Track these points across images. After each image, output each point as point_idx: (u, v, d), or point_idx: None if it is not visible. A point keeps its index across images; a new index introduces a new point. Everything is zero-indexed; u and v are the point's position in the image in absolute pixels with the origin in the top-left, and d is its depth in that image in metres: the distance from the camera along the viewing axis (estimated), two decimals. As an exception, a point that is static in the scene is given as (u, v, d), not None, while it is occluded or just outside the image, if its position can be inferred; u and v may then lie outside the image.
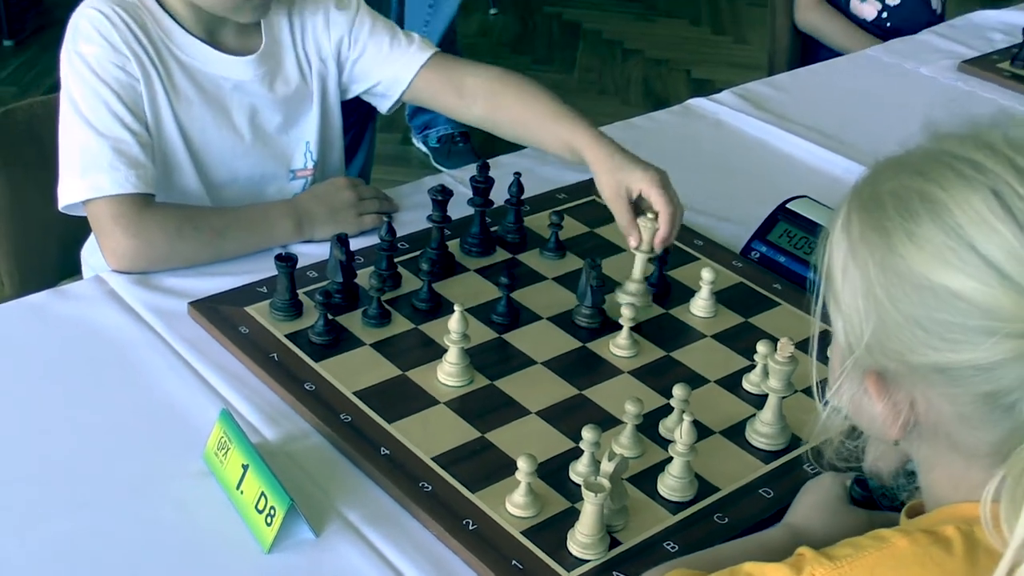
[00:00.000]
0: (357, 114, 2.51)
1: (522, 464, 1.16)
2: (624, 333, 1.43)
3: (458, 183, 1.75)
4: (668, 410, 1.31)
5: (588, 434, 1.19)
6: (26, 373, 1.36)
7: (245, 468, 1.16)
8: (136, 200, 1.50)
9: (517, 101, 1.69)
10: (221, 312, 1.44)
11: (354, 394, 1.32)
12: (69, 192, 1.51)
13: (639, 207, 1.52)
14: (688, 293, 1.55)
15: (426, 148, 3.73)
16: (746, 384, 1.40)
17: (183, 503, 1.18)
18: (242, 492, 1.16)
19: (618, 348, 1.44)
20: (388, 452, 1.25)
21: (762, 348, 1.35)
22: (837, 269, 0.90)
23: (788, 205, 1.67)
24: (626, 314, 1.42)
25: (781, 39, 2.84)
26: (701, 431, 1.27)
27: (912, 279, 0.84)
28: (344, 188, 1.65)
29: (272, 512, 1.12)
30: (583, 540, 1.13)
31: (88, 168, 1.50)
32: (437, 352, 1.38)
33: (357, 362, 1.38)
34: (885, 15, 2.78)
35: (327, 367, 1.36)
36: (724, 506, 1.22)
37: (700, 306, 1.52)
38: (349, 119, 1.84)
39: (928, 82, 2.37)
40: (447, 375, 1.36)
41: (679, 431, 1.20)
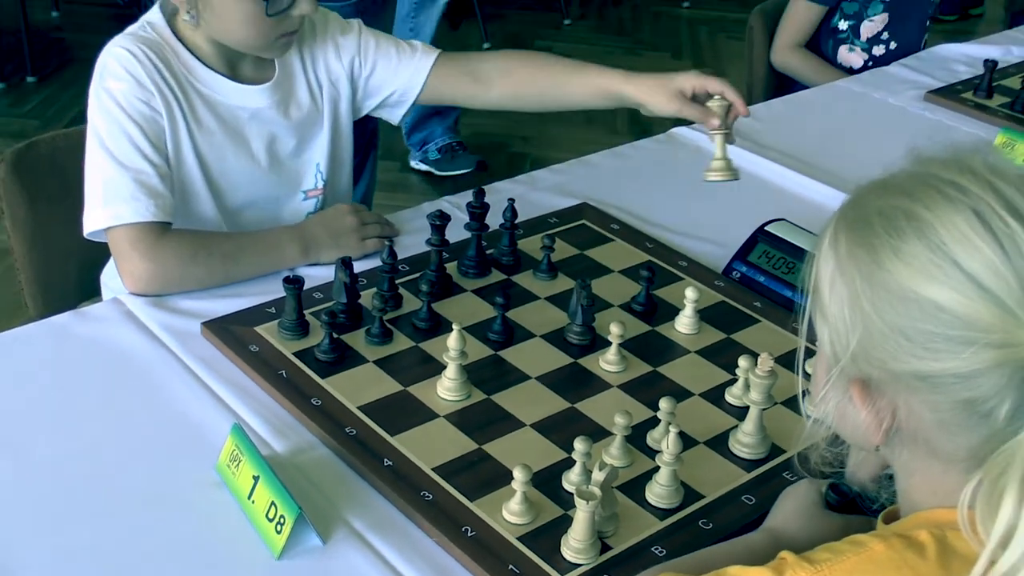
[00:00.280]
0: (359, 143, 2.50)
1: (518, 474, 1.16)
2: (613, 349, 1.43)
3: (455, 208, 1.76)
4: (655, 422, 1.30)
5: (580, 445, 1.19)
6: (49, 389, 1.36)
7: (256, 479, 1.16)
8: (153, 228, 1.50)
9: (536, 70, 1.75)
10: (232, 332, 1.44)
11: (358, 408, 1.32)
12: (93, 220, 1.52)
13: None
14: (673, 311, 1.54)
15: (427, 164, 3.68)
16: (728, 397, 1.39)
17: (198, 512, 1.18)
18: (253, 502, 1.16)
19: (607, 364, 1.43)
20: (391, 463, 1.24)
21: (743, 363, 1.36)
22: (824, 283, 0.90)
23: (767, 228, 1.67)
24: (615, 331, 1.41)
25: (758, 71, 2.83)
26: (686, 441, 1.27)
27: (898, 292, 0.84)
28: (347, 214, 1.65)
29: (282, 520, 1.12)
30: (576, 545, 1.13)
31: (110, 198, 1.50)
32: (437, 368, 1.38)
33: (361, 378, 1.37)
34: (871, 64, 2.76)
35: (333, 383, 1.36)
36: (708, 512, 1.22)
37: (684, 323, 1.52)
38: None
39: (896, 111, 2.37)
40: (446, 390, 1.35)
41: (666, 442, 1.20)
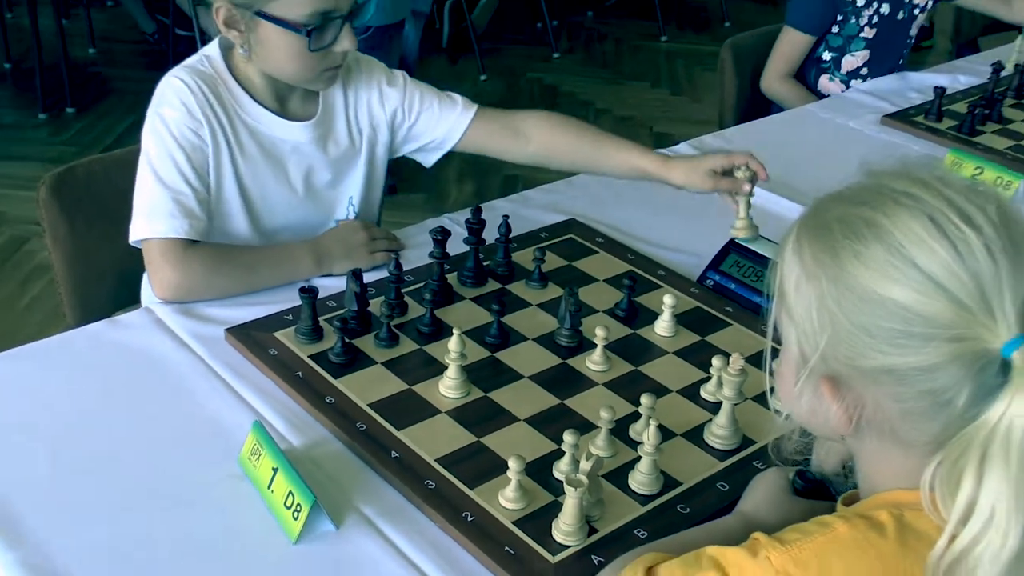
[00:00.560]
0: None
1: (512, 464, 1.16)
2: (598, 351, 1.43)
3: (455, 224, 1.76)
4: (637, 416, 1.31)
5: (568, 437, 1.19)
6: (85, 391, 1.36)
7: (275, 471, 1.16)
8: (183, 242, 1.50)
9: (578, 138, 1.76)
10: (253, 337, 1.44)
11: (368, 406, 1.32)
12: (135, 230, 1.53)
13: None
14: (652, 316, 1.55)
15: None
16: (703, 393, 1.40)
17: (221, 501, 1.18)
18: (272, 491, 1.16)
19: (593, 364, 1.43)
20: (398, 455, 1.24)
21: (716, 362, 1.36)
22: (790, 287, 0.90)
23: (737, 240, 1.68)
24: (600, 334, 1.41)
25: (729, 98, 2.83)
26: (665, 434, 1.27)
27: (862, 293, 0.84)
28: (358, 230, 1.65)
29: (298, 508, 1.12)
30: (565, 528, 1.13)
31: (151, 213, 1.51)
32: (439, 369, 1.38)
33: (370, 378, 1.38)
34: None
35: (345, 383, 1.36)
36: (686, 498, 1.22)
37: (663, 327, 1.53)
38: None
39: (855, 134, 2.38)
40: (447, 388, 1.36)
41: (646, 434, 1.20)
